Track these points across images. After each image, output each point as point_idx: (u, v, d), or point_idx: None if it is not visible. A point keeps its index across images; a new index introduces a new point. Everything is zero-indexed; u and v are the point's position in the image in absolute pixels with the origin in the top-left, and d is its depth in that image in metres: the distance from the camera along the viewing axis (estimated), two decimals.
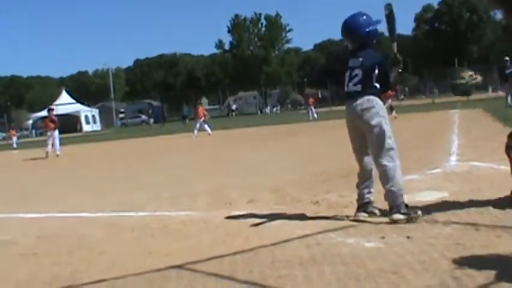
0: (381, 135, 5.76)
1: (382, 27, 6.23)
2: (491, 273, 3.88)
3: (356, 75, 5.95)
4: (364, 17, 6.05)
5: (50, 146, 24.40)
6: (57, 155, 24.15)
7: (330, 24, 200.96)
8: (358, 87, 5.91)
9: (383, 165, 5.74)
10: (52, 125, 24.77)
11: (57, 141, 24.64)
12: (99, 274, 4.87)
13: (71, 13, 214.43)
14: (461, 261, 4.20)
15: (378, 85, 5.93)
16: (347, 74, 6.05)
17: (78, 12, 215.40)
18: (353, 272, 4.22)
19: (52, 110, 26.70)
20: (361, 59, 5.95)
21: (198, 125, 32.39)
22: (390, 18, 6.06)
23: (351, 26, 6.07)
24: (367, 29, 5.98)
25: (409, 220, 5.60)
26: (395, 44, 6.15)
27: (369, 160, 6.05)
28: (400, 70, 6.21)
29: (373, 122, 5.78)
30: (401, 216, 5.62)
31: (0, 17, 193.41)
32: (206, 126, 32.06)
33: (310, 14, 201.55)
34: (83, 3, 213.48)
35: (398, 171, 5.75)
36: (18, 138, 47.85)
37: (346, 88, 6.07)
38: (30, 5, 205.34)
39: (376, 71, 5.87)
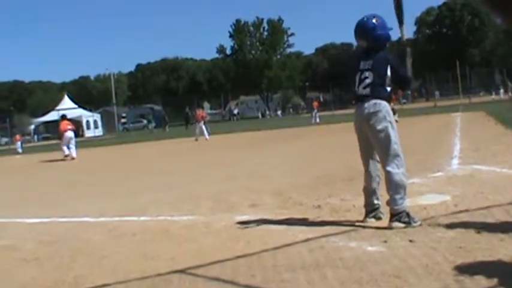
0: (386, 141, 5.74)
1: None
2: (494, 277, 3.88)
3: (366, 77, 5.94)
4: (378, 20, 6.04)
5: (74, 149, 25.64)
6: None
7: (332, 28, 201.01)
8: (367, 91, 5.90)
9: (388, 171, 5.73)
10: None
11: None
12: (102, 279, 4.87)
13: (72, 18, 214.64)
14: (464, 265, 4.20)
15: (388, 88, 5.92)
16: (357, 76, 6.03)
17: (79, 17, 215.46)
18: (356, 276, 4.22)
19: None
20: (372, 62, 5.95)
21: (198, 130, 32.31)
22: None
23: (364, 26, 6.06)
24: (380, 32, 5.98)
25: (407, 227, 5.58)
26: (403, 28, 6.10)
27: (374, 166, 6.04)
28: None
29: (379, 127, 5.76)
30: (400, 225, 5.60)
31: (2, 23, 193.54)
32: (205, 130, 31.96)
33: (311, 18, 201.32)
34: (84, 8, 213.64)
35: (403, 178, 5.71)
36: (22, 143, 47.68)
37: (356, 91, 6.05)
38: (32, 10, 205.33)
39: (389, 74, 5.86)
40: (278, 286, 4.19)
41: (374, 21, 6.00)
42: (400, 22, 6.08)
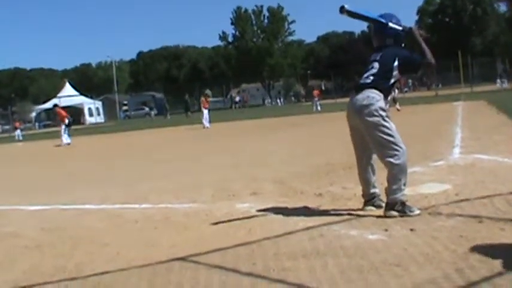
0: (380, 134, 5.67)
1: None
2: (494, 266, 3.88)
3: (373, 67, 5.94)
4: (394, 18, 6.09)
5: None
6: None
7: (333, 16, 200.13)
8: (369, 79, 5.88)
9: (385, 163, 5.70)
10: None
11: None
12: (103, 266, 4.88)
13: (73, 5, 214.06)
14: (464, 254, 4.21)
15: (392, 80, 5.90)
16: (365, 67, 6.06)
17: (81, 5, 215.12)
18: (356, 264, 4.23)
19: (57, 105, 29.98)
20: (381, 54, 5.98)
21: (205, 116, 32.17)
22: (356, 16, 5.94)
23: (381, 25, 6.08)
24: (397, 33, 6.04)
25: (403, 216, 5.58)
26: (391, 25, 6.06)
27: (366, 156, 6.03)
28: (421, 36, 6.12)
29: (371, 120, 5.69)
30: (394, 213, 5.61)
31: (4, 10, 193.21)
32: (207, 117, 31.93)
33: (313, 6, 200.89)
34: None
35: (402, 169, 5.65)
36: (21, 130, 48.00)
37: (359, 79, 6.07)
38: None
39: (396, 63, 5.83)
40: (279, 274, 4.20)
41: (391, 19, 6.05)
42: (385, 24, 6.03)
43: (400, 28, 6.10)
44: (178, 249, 5.17)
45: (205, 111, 32.37)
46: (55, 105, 30.64)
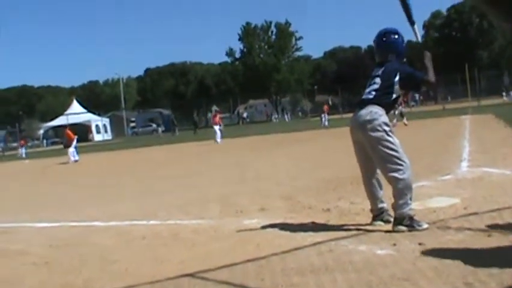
0: (384, 149, 5.67)
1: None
2: (503, 280, 3.86)
3: (375, 82, 5.97)
4: (399, 34, 6.14)
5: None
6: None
7: (340, 31, 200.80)
8: (371, 95, 5.90)
9: (389, 179, 5.69)
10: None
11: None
12: (111, 283, 4.88)
13: (81, 23, 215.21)
14: (473, 268, 4.18)
15: (394, 95, 5.93)
16: (368, 82, 6.09)
17: (88, 22, 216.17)
18: (365, 279, 4.21)
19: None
20: (383, 69, 5.99)
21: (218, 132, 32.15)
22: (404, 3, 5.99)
23: (384, 41, 6.14)
24: (399, 48, 6.10)
25: (412, 231, 5.56)
26: (416, 27, 6.06)
27: (371, 171, 6.02)
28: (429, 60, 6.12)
29: (374, 136, 5.70)
30: (403, 228, 5.59)
31: (11, 28, 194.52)
32: (218, 133, 31.97)
33: (319, 22, 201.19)
34: (93, 13, 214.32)
35: (407, 184, 5.64)
36: (26, 148, 48.70)
37: (362, 95, 6.09)
38: (41, 15, 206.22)
39: (397, 78, 5.86)
40: None
41: (396, 36, 6.13)
42: (411, 23, 6.04)
43: (419, 38, 6.14)
44: (186, 266, 5.17)
45: (216, 127, 32.38)
46: (65, 126, 32.73)
